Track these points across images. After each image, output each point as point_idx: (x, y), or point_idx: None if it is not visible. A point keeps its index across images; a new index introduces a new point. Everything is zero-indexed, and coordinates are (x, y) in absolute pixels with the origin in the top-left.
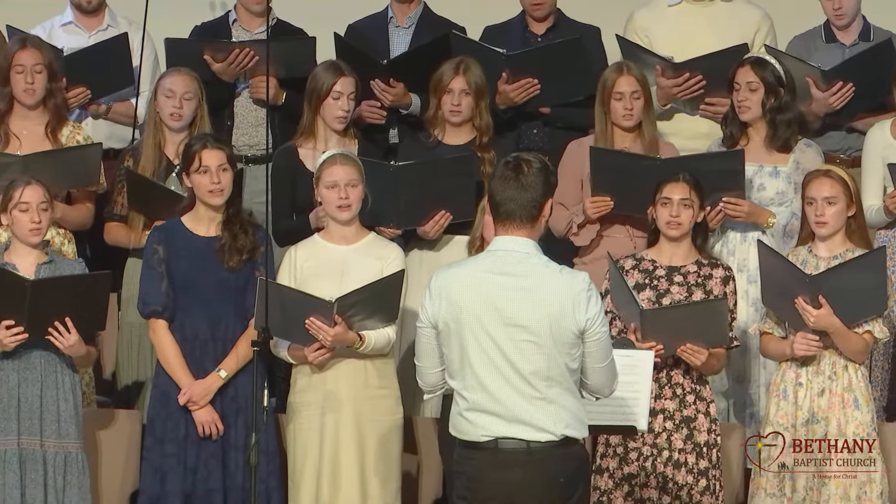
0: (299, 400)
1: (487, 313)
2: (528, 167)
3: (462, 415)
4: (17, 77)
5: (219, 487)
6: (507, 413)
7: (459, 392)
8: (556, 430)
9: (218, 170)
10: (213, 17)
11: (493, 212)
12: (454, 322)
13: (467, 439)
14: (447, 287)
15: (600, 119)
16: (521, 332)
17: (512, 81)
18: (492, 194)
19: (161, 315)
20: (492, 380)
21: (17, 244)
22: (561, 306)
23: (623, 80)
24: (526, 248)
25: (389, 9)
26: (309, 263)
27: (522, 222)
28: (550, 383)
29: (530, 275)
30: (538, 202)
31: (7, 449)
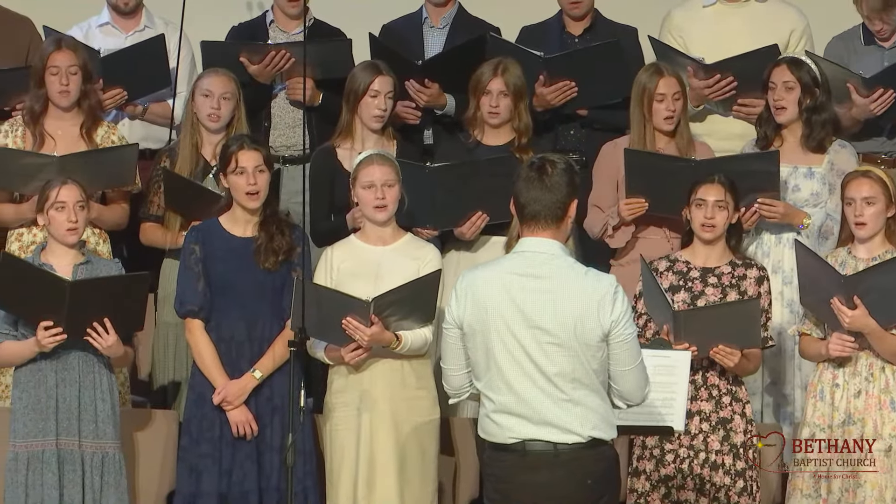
0: (336, 400)
1: (512, 315)
2: (552, 168)
3: (489, 417)
4: (52, 79)
5: (254, 488)
6: (533, 415)
7: (486, 394)
8: (582, 431)
9: (254, 171)
10: (251, 18)
11: (518, 213)
12: (479, 323)
13: (495, 441)
14: (472, 288)
15: (638, 121)
16: (545, 335)
17: (549, 84)
18: (516, 196)
19: (197, 315)
20: (518, 382)
21: (54, 244)
22: (584, 308)
23: (664, 82)
24: (551, 250)
25: (424, 9)
26: (345, 264)
27: (548, 223)
28: (576, 385)
29: (554, 276)
30: (563, 203)
31: (45, 449)
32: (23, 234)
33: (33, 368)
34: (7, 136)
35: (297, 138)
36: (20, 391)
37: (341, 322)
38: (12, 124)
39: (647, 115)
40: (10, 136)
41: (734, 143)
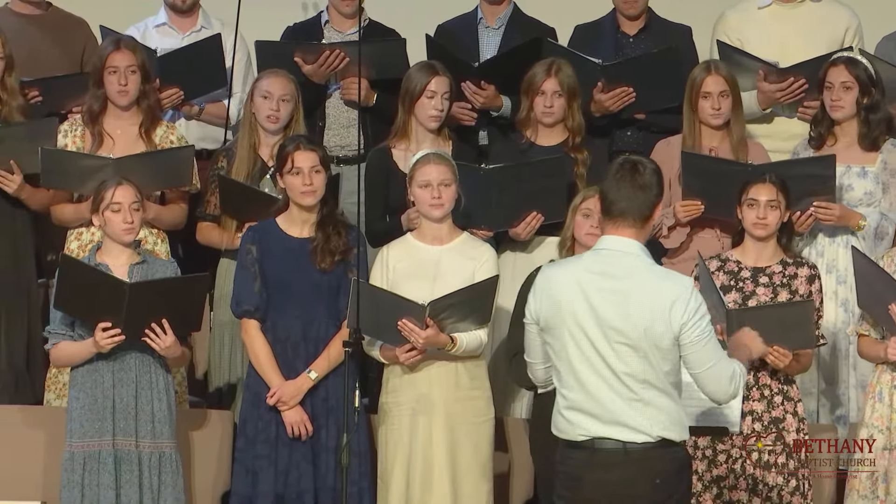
0: (391, 401)
1: (584, 313)
2: (643, 168)
3: (561, 413)
4: (111, 78)
5: (310, 488)
6: (604, 413)
7: (560, 390)
8: (652, 431)
9: (310, 171)
10: (306, 18)
11: (604, 211)
12: (554, 319)
13: (566, 438)
14: (548, 284)
15: (688, 118)
16: (616, 334)
17: (607, 90)
18: (605, 193)
19: (253, 315)
20: (589, 379)
21: (110, 244)
22: (655, 311)
23: (711, 80)
24: (631, 249)
25: (479, 9)
26: (401, 264)
27: (634, 221)
28: (646, 386)
29: (630, 276)
30: (652, 203)
31: (102, 449)
32: (82, 233)
33: (90, 369)
34: (67, 136)
35: (351, 138)
36: (77, 391)
37: (397, 323)
38: (72, 124)
39: (696, 112)
40: (69, 135)
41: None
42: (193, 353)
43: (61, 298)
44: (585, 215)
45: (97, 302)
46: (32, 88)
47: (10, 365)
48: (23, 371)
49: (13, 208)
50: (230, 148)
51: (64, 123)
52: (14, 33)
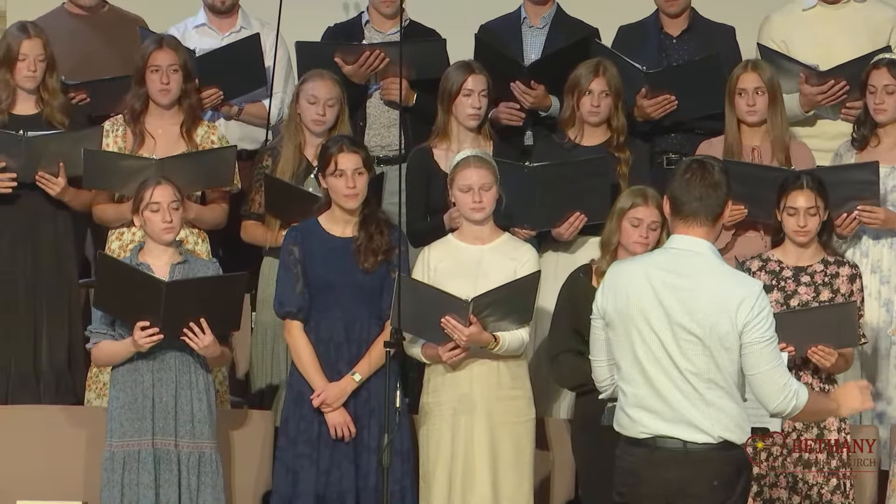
0: (432, 400)
1: (652, 310)
2: (712, 167)
3: (624, 410)
4: (153, 77)
5: (352, 489)
6: (667, 411)
7: (622, 386)
8: (713, 432)
9: (353, 173)
10: (347, 18)
11: (674, 211)
12: (620, 315)
13: (627, 435)
14: (617, 280)
15: (729, 116)
16: (683, 332)
17: (650, 96)
18: (674, 194)
19: (296, 316)
20: (654, 376)
21: (151, 244)
22: (722, 310)
23: (746, 77)
24: (700, 249)
25: (522, 9)
26: (443, 264)
27: (706, 220)
28: (710, 385)
29: (700, 275)
30: (722, 201)
31: (142, 449)
32: (123, 233)
33: (130, 368)
34: (108, 135)
35: (391, 138)
36: (117, 391)
37: (439, 320)
38: (113, 123)
39: (733, 109)
40: (111, 135)
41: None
42: (234, 352)
43: (101, 298)
44: (634, 225)
45: (135, 301)
46: (81, 91)
47: (52, 365)
48: (64, 371)
49: (55, 209)
50: (275, 147)
51: (105, 123)
52: (69, 33)
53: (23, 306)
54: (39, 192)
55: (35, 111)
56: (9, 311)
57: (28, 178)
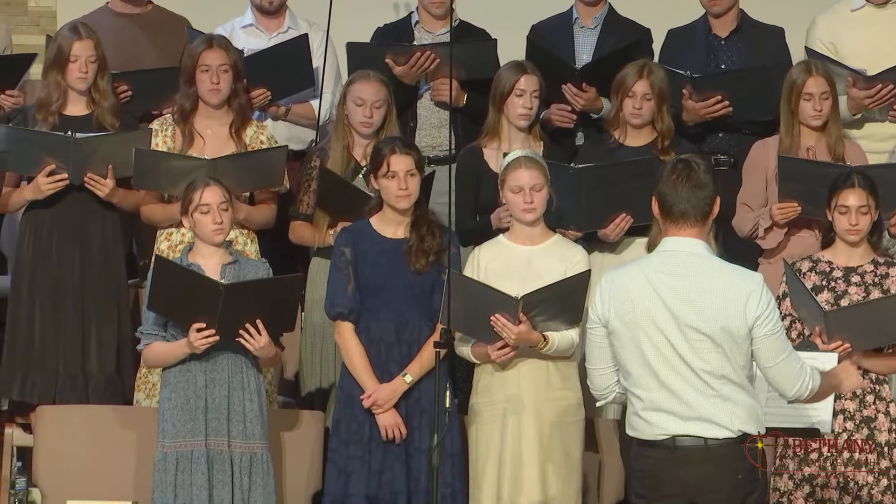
0: (481, 401)
1: (659, 312)
2: (697, 167)
3: (638, 414)
4: (203, 77)
5: (403, 490)
6: (684, 410)
7: (634, 392)
8: (732, 426)
9: (406, 175)
10: (397, 19)
11: (663, 213)
12: (625, 321)
13: (643, 438)
14: (617, 287)
15: (787, 118)
16: (693, 332)
17: (697, 98)
18: (662, 196)
19: (347, 317)
20: (668, 378)
21: (201, 245)
22: (730, 306)
23: (812, 81)
24: (695, 249)
25: (574, 9)
26: (493, 264)
27: (696, 220)
28: (724, 381)
29: (701, 275)
30: (710, 199)
31: (194, 450)
32: (172, 233)
33: (182, 369)
34: (157, 135)
35: (442, 139)
36: (169, 392)
37: (489, 318)
38: (162, 123)
39: (795, 113)
40: (160, 134)
41: (891, 144)
42: (285, 353)
43: (155, 300)
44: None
45: (191, 303)
46: (122, 83)
47: (101, 366)
48: (112, 372)
49: (104, 210)
50: (323, 148)
51: (154, 122)
52: (114, 33)
53: (71, 307)
54: (88, 194)
55: (86, 112)
56: (57, 313)
57: (77, 179)
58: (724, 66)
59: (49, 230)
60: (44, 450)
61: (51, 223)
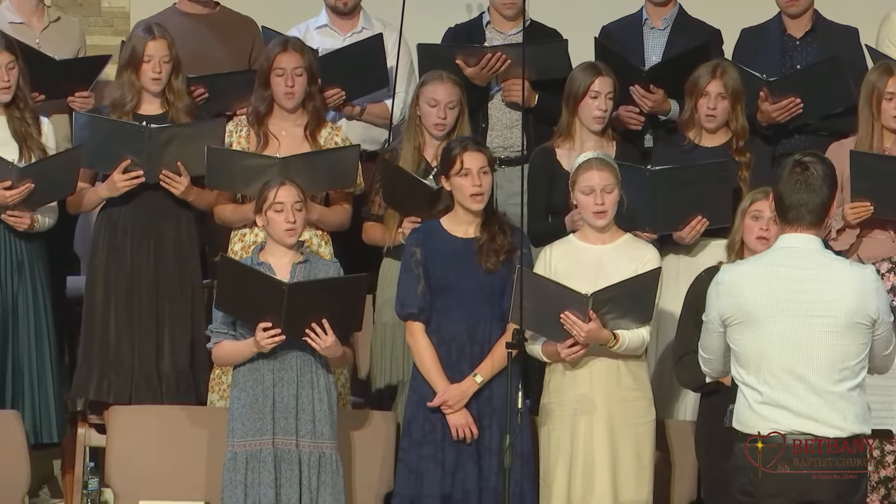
0: (553, 401)
1: (782, 307)
2: (815, 170)
3: (752, 408)
4: (278, 80)
5: (475, 489)
6: (798, 407)
7: (750, 385)
8: (844, 425)
9: (479, 172)
10: (469, 19)
11: (780, 214)
12: (748, 315)
13: (751, 433)
14: (737, 283)
15: (866, 120)
16: (818, 325)
17: (773, 101)
18: (780, 197)
19: (418, 317)
20: (785, 374)
21: (273, 244)
22: (856, 298)
23: (893, 81)
24: (813, 245)
25: (644, 10)
26: (563, 263)
27: (812, 221)
28: (843, 377)
29: (822, 268)
30: (826, 203)
31: (263, 449)
32: (245, 234)
33: (251, 368)
34: (232, 136)
35: (513, 139)
36: (238, 391)
37: (559, 316)
38: (237, 124)
39: (875, 115)
40: (234, 136)
41: None
42: (356, 353)
43: (222, 299)
44: (755, 217)
45: (257, 302)
46: (198, 86)
47: (174, 365)
48: (185, 371)
49: (179, 209)
50: (395, 149)
51: (229, 124)
52: (181, 33)
53: (145, 307)
54: (163, 193)
55: (160, 112)
56: (131, 312)
57: (152, 178)
58: (798, 66)
59: (124, 229)
60: (116, 450)
61: (125, 222)
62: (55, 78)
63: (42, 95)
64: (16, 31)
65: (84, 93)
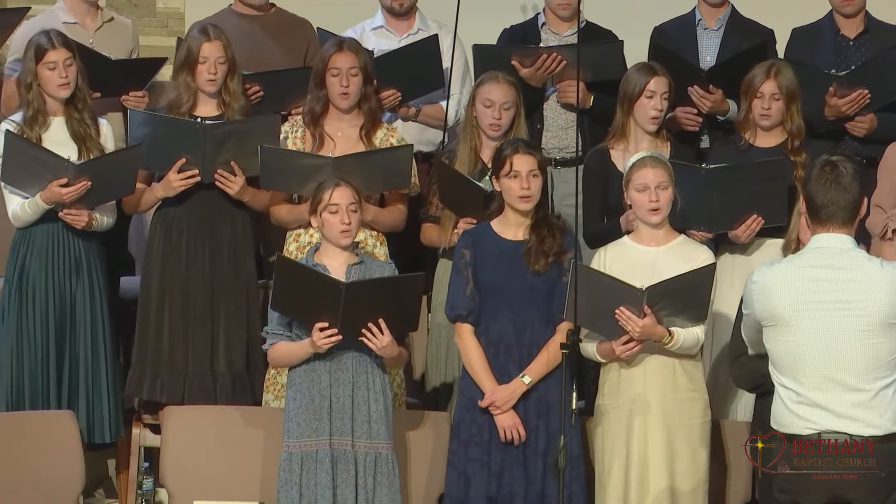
0: (608, 402)
1: (817, 307)
2: (844, 168)
3: (788, 408)
4: (333, 80)
5: (521, 492)
6: (834, 406)
7: (786, 385)
8: (881, 424)
9: (528, 175)
10: (524, 20)
11: (811, 214)
12: (780, 317)
13: (791, 433)
14: (770, 283)
15: None
16: (852, 324)
17: (840, 94)
18: (811, 197)
19: (466, 319)
20: (820, 373)
21: (327, 245)
22: (889, 296)
23: None
24: (846, 245)
25: (697, 11)
26: (618, 265)
27: (844, 221)
28: (878, 375)
29: (856, 267)
30: (857, 202)
31: (319, 449)
32: (300, 234)
33: (307, 369)
34: (288, 136)
35: (569, 140)
36: (294, 391)
37: (613, 312)
38: (293, 125)
39: None
40: (290, 136)
41: None
42: (411, 354)
43: (278, 299)
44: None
45: (313, 302)
46: (253, 83)
47: (229, 365)
48: (241, 372)
49: (234, 209)
50: (452, 150)
51: (285, 125)
52: (237, 34)
53: (201, 307)
54: (219, 193)
55: (216, 113)
56: (186, 312)
57: (207, 177)
58: (853, 67)
59: (179, 229)
60: (170, 450)
61: (181, 222)
62: (110, 77)
63: (98, 93)
64: (70, 31)
65: (138, 93)
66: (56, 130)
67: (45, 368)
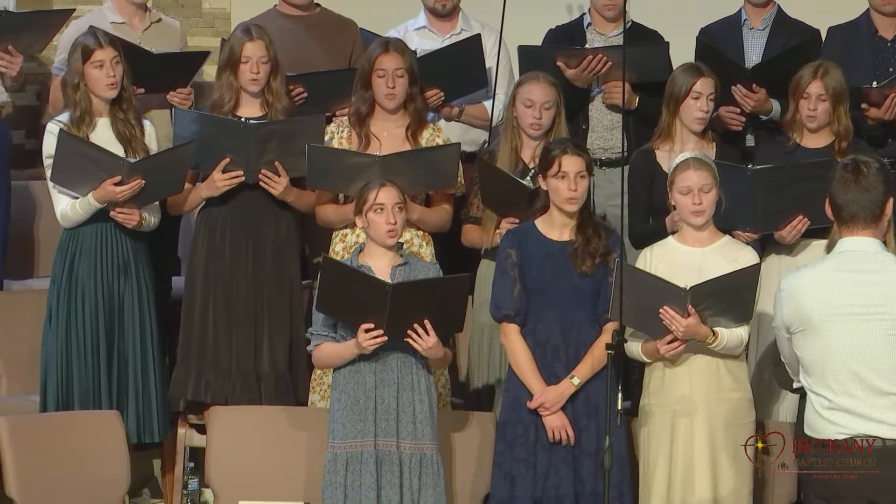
0: (652, 402)
1: (846, 311)
2: (866, 168)
3: (819, 413)
4: (379, 81)
5: (569, 493)
6: (866, 411)
7: (817, 391)
8: None
9: (576, 176)
10: (570, 20)
11: (835, 215)
12: (809, 323)
13: (823, 438)
14: (798, 289)
15: None
16: (880, 328)
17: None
18: (833, 197)
19: (513, 319)
20: (851, 378)
21: (373, 246)
22: None
23: None
24: (872, 248)
25: (742, 11)
26: (662, 266)
27: (867, 223)
28: None
29: (884, 271)
30: (880, 202)
31: (364, 450)
32: (346, 234)
33: (352, 370)
34: (333, 137)
35: (614, 141)
36: (339, 392)
37: (658, 312)
38: (339, 125)
39: None
40: (336, 137)
41: None
42: (455, 354)
43: (323, 300)
44: None
45: (359, 303)
46: (297, 85)
47: (272, 366)
48: (284, 372)
49: (278, 210)
50: (493, 150)
51: (330, 125)
52: (281, 34)
53: (244, 307)
54: (263, 193)
55: (260, 113)
56: (230, 313)
57: (251, 177)
58: (891, 69)
59: (223, 229)
60: (216, 450)
61: (224, 223)
62: (154, 73)
63: (142, 89)
64: (118, 31)
65: (184, 90)
66: (102, 131)
67: (94, 369)
